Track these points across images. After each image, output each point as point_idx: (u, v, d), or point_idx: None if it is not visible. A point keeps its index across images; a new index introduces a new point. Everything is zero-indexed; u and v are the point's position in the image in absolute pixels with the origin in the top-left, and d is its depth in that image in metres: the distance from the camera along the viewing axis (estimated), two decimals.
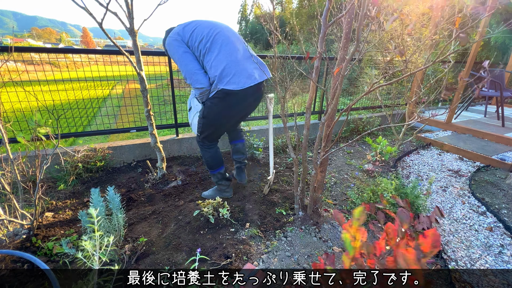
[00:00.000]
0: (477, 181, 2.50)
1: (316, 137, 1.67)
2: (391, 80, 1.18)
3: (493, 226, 1.86)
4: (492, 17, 5.24)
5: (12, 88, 2.21)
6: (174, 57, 1.70)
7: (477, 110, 4.94)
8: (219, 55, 1.59)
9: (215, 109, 1.70)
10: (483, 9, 0.92)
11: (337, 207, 2.05)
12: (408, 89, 3.71)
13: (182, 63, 1.65)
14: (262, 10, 1.51)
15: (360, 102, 4.27)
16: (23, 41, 39.28)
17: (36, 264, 0.77)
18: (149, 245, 1.57)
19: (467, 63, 3.39)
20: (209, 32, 1.63)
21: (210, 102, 1.70)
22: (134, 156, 2.67)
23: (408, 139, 3.15)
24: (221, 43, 1.61)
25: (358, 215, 0.63)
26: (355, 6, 1.29)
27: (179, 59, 1.65)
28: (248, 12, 26.20)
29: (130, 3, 1.77)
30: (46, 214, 1.81)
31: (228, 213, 1.78)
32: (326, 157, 1.64)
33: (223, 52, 1.60)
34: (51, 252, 1.44)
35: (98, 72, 2.82)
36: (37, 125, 1.46)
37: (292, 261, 1.51)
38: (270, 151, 2.20)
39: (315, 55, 1.41)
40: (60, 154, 2.27)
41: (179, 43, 1.64)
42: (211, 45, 1.61)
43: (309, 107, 1.57)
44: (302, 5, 16.62)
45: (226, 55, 1.60)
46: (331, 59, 3.37)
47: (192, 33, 1.65)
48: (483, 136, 3.48)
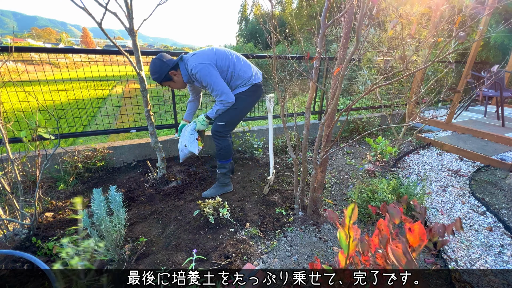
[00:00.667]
0: (477, 181, 2.50)
1: (316, 137, 1.67)
2: (391, 80, 1.18)
3: (493, 226, 1.86)
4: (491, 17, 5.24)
5: (12, 88, 2.21)
6: (209, 79, 1.94)
7: (477, 110, 4.95)
8: (244, 63, 2.11)
9: (248, 100, 2.11)
10: (482, 9, 0.92)
11: (337, 207, 2.05)
12: (408, 89, 3.71)
13: (218, 84, 1.96)
14: (262, 10, 1.51)
15: (360, 102, 4.28)
16: (23, 41, 39.29)
17: (36, 264, 0.77)
18: (149, 245, 1.57)
19: (467, 63, 3.39)
20: (225, 52, 2.07)
21: (244, 95, 2.10)
22: (134, 156, 2.67)
23: (408, 139, 3.15)
24: (236, 57, 2.10)
25: (350, 213, 0.63)
26: (354, 6, 1.29)
27: (216, 81, 1.95)
28: (248, 12, 26.19)
29: (129, 3, 1.77)
30: (46, 214, 1.81)
31: (228, 213, 1.78)
32: (326, 157, 1.64)
33: (244, 61, 2.12)
34: (51, 252, 1.44)
35: (98, 72, 2.82)
36: (37, 126, 1.46)
37: (292, 261, 1.51)
38: (270, 151, 2.20)
39: (315, 55, 1.41)
40: (60, 154, 2.28)
41: (213, 67, 1.95)
42: (236, 60, 2.07)
43: (309, 107, 1.57)
44: (302, 5, 16.61)
45: (246, 63, 2.14)
46: (331, 59, 3.38)
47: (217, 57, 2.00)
48: (483, 136, 3.48)
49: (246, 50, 13.47)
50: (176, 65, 1.98)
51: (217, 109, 2.04)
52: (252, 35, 21.74)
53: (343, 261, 0.64)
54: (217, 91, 1.96)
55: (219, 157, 2.15)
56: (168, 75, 1.97)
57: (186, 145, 2.15)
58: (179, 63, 2.00)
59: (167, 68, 1.94)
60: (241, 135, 2.99)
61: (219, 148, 2.13)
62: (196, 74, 1.94)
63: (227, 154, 2.15)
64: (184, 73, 2.01)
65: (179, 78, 2.02)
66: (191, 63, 1.95)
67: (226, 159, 2.16)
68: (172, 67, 1.96)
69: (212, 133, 2.13)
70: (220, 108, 2.03)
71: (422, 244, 0.58)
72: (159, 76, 1.96)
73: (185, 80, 2.04)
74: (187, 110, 2.44)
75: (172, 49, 34.02)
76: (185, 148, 2.16)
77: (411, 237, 0.60)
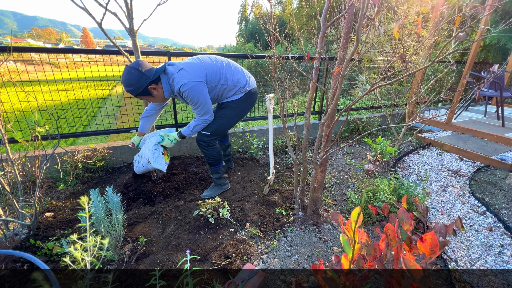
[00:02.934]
0: (477, 181, 2.50)
1: (316, 137, 1.67)
2: (391, 80, 1.18)
3: (493, 226, 1.86)
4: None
5: (12, 88, 2.21)
6: (197, 98, 1.77)
7: (477, 110, 4.95)
8: (236, 71, 1.96)
9: (237, 108, 2.00)
10: (483, 8, 0.92)
11: (337, 207, 2.05)
12: (408, 89, 3.71)
13: (207, 103, 1.82)
14: (262, 10, 1.51)
15: (360, 102, 4.28)
16: (23, 41, 39.26)
17: (36, 264, 0.77)
18: (149, 245, 1.57)
19: (467, 63, 3.39)
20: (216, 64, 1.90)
21: (235, 104, 1.98)
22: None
23: (408, 139, 3.15)
24: (227, 66, 1.94)
25: (355, 216, 0.63)
26: (354, 6, 1.29)
27: (205, 100, 1.81)
28: (248, 13, 26.18)
29: (129, 3, 1.77)
30: (46, 214, 1.81)
31: (228, 213, 1.78)
32: (326, 157, 1.64)
33: (235, 68, 1.97)
34: (51, 252, 1.44)
35: (98, 72, 2.82)
36: (37, 126, 1.46)
37: (292, 261, 1.51)
38: (270, 151, 2.20)
39: (315, 55, 1.41)
40: (60, 154, 2.27)
41: (203, 85, 1.78)
42: (227, 70, 1.91)
43: (309, 107, 1.57)
44: (302, 5, 16.62)
45: (238, 69, 1.99)
46: (331, 59, 3.38)
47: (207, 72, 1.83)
48: (483, 136, 3.48)
49: (246, 50, 13.52)
50: (158, 78, 1.72)
51: (195, 125, 1.89)
52: (252, 35, 21.76)
53: (347, 264, 0.63)
54: (202, 110, 1.82)
55: (209, 164, 2.08)
56: (146, 89, 1.69)
57: (150, 162, 1.91)
58: (161, 76, 1.74)
59: (146, 81, 1.66)
60: (241, 135, 2.99)
61: (208, 156, 2.03)
62: (184, 93, 1.72)
63: (216, 161, 2.06)
64: (167, 88, 1.77)
65: (159, 92, 1.76)
66: (179, 79, 1.71)
67: (217, 165, 2.08)
68: (153, 81, 1.69)
69: (198, 143, 2.00)
70: (199, 125, 1.89)
71: (433, 256, 0.56)
72: (135, 89, 1.67)
73: (166, 96, 1.80)
74: (142, 123, 2.12)
75: (172, 49, 33.90)
76: (148, 164, 1.93)
77: (422, 247, 0.57)
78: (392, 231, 0.64)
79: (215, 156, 2.04)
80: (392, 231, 0.64)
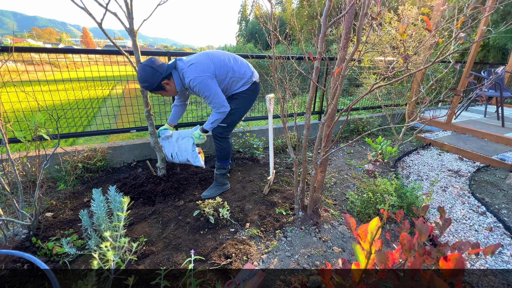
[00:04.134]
0: (477, 181, 2.50)
1: (316, 137, 1.67)
2: (391, 81, 1.18)
3: (493, 226, 1.86)
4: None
5: (12, 88, 2.21)
6: (208, 92, 1.87)
7: (477, 110, 4.95)
8: (242, 64, 2.08)
9: (249, 98, 2.11)
10: (483, 9, 0.92)
11: (337, 207, 2.05)
12: (408, 89, 3.71)
13: (217, 95, 1.91)
14: (262, 10, 1.52)
15: (360, 103, 4.28)
16: (23, 41, 39.27)
17: (36, 264, 0.77)
18: (149, 245, 1.57)
19: (467, 63, 3.39)
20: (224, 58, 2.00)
21: (245, 94, 2.08)
22: (134, 156, 2.67)
23: (408, 139, 3.15)
24: (234, 60, 2.06)
25: (374, 229, 0.58)
26: (355, 6, 1.29)
27: (216, 92, 1.90)
28: (248, 13, 26.19)
29: (129, 3, 1.77)
30: (46, 214, 1.80)
31: (228, 213, 1.78)
32: (326, 157, 1.64)
33: (241, 62, 2.09)
34: (51, 252, 1.44)
35: (98, 72, 2.82)
36: (37, 126, 1.46)
37: (292, 261, 1.51)
38: (270, 151, 2.20)
39: (315, 56, 1.41)
40: (60, 154, 2.27)
41: (212, 79, 1.88)
42: (234, 63, 2.03)
43: (309, 107, 1.57)
44: (302, 5, 16.62)
45: (244, 63, 2.10)
46: (331, 59, 3.37)
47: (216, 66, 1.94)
48: (483, 136, 3.48)
49: (246, 50, 13.53)
50: (170, 73, 1.86)
51: (214, 119, 2.00)
52: (252, 35, 21.77)
53: (358, 275, 0.59)
54: (215, 103, 1.92)
55: (219, 158, 2.16)
56: (160, 84, 1.84)
57: (190, 161, 2.18)
58: (173, 72, 1.88)
59: (160, 77, 1.81)
60: (241, 135, 2.99)
61: (220, 149, 2.12)
62: (195, 87, 1.85)
63: (227, 155, 2.15)
64: (178, 82, 1.91)
65: (172, 87, 1.91)
66: (189, 74, 1.84)
67: (226, 160, 2.17)
68: (165, 76, 1.83)
69: (214, 136, 2.11)
70: (218, 118, 2.00)
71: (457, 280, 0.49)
72: (150, 85, 1.82)
73: (178, 89, 1.94)
74: (172, 113, 2.31)
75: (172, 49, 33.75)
76: (187, 161, 2.21)
77: (444, 265, 0.51)
78: (408, 242, 0.59)
79: (227, 149, 2.13)
80: (408, 241, 0.59)
